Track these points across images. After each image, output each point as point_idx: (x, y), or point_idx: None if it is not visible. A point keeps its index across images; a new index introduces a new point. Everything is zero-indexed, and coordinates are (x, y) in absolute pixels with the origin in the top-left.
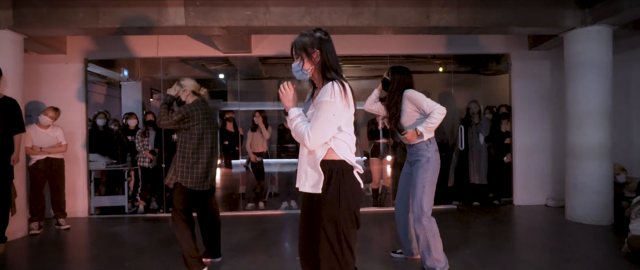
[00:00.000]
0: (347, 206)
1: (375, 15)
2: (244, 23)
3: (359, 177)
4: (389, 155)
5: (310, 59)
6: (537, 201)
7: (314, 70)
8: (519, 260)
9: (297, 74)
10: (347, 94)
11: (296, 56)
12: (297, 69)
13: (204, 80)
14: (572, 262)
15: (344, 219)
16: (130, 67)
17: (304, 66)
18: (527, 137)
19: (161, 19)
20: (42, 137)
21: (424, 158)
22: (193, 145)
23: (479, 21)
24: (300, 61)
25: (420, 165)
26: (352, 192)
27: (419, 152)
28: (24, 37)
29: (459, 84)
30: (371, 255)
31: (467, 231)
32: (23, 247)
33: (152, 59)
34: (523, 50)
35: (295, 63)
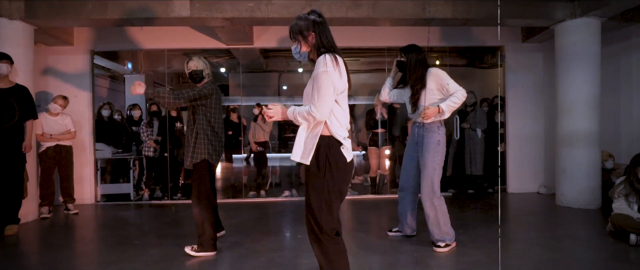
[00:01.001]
0: (332, 178)
1: (373, 7)
2: (247, 14)
3: (346, 152)
4: (386, 148)
5: (307, 42)
6: (529, 189)
7: (311, 52)
8: (509, 239)
9: (297, 56)
10: (338, 63)
11: (294, 40)
12: (296, 52)
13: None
14: (559, 240)
15: (328, 189)
16: (134, 60)
17: (302, 49)
18: (520, 127)
19: (167, 10)
20: (52, 125)
21: (435, 141)
22: (215, 121)
23: (472, 13)
24: (298, 44)
25: (431, 147)
26: (337, 165)
27: (430, 134)
28: (34, 28)
29: (455, 77)
30: (370, 235)
31: (462, 215)
32: (34, 229)
33: (155, 52)
34: (516, 43)
35: (294, 46)
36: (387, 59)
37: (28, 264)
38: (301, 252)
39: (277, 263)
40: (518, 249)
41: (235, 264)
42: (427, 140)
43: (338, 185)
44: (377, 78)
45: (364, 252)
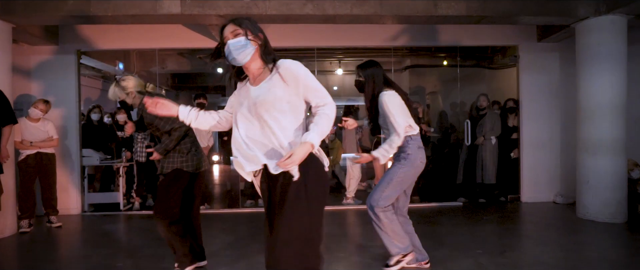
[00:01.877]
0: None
1: (380, 3)
2: (243, 11)
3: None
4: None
5: (256, 38)
6: (544, 198)
7: (255, 53)
8: (533, 261)
9: (239, 51)
10: None
11: (236, 32)
12: (241, 45)
13: (201, 75)
14: (591, 264)
15: (313, 207)
16: (125, 60)
17: (252, 42)
18: (535, 132)
19: (155, 7)
20: (32, 131)
21: (404, 153)
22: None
23: (488, 10)
24: (245, 37)
25: (398, 159)
26: (318, 173)
27: (401, 152)
28: (12, 26)
29: (463, 78)
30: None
31: (476, 229)
32: (12, 245)
33: (148, 52)
34: (531, 43)
35: (240, 38)
36: (392, 59)
37: None
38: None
39: None
40: None
41: None
42: (398, 155)
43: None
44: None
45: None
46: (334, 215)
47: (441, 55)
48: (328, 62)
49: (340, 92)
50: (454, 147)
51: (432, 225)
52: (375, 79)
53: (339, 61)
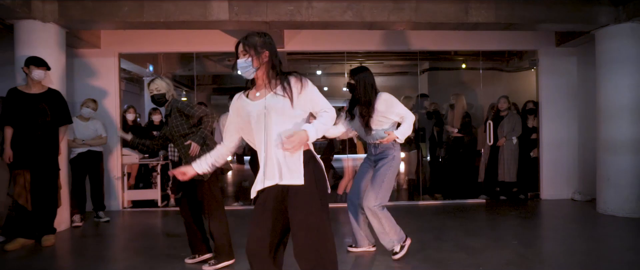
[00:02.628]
0: (324, 193)
1: (415, 10)
2: (287, 18)
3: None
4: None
5: (259, 58)
6: (563, 195)
7: (261, 69)
8: (567, 251)
9: (244, 70)
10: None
11: (244, 53)
12: (246, 65)
13: (226, 76)
14: (618, 252)
15: (324, 206)
16: (154, 63)
17: (254, 63)
18: (554, 132)
19: (205, 13)
20: (83, 130)
21: (391, 156)
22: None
23: (516, 17)
24: (249, 58)
25: (386, 162)
26: (324, 179)
27: (386, 151)
28: (66, 30)
29: (480, 81)
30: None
31: (506, 223)
32: (68, 239)
33: (175, 55)
34: (550, 47)
35: (243, 59)
36: (410, 62)
37: None
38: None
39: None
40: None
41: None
42: (384, 156)
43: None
44: (400, 80)
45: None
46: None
47: (459, 58)
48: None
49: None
50: (471, 146)
51: (461, 220)
52: (366, 82)
53: (360, 64)
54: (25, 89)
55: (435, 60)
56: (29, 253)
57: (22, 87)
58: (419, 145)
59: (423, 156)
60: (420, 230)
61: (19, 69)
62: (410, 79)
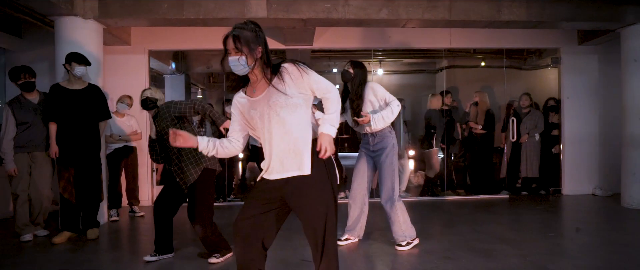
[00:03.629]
0: (333, 183)
1: (449, 9)
2: (324, 15)
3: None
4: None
5: (253, 55)
6: (584, 191)
7: (255, 66)
8: (604, 241)
9: (237, 69)
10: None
11: (236, 51)
12: (239, 64)
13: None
14: None
15: (334, 195)
16: (176, 60)
17: (248, 61)
18: (575, 129)
19: (243, 10)
20: (119, 126)
21: (390, 145)
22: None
23: (546, 16)
24: (242, 56)
25: (387, 152)
26: (333, 169)
27: (384, 140)
28: (103, 27)
29: (498, 79)
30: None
31: (537, 217)
32: (108, 232)
33: (195, 53)
34: (573, 45)
35: (235, 57)
36: (428, 59)
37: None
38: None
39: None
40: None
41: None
42: (383, 145)
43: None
44: (418, 78)
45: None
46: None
47: (478, 56)
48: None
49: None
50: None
51: (492, 214)
52: (361, 79)
53: (379, 62)
54: (67, 85)
55: (453, 58)
56: (75, 245)
57: (64, 83)
58: (447, 142)
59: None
60: (457, 223)
61: (59, 64)
62: (428, 77)
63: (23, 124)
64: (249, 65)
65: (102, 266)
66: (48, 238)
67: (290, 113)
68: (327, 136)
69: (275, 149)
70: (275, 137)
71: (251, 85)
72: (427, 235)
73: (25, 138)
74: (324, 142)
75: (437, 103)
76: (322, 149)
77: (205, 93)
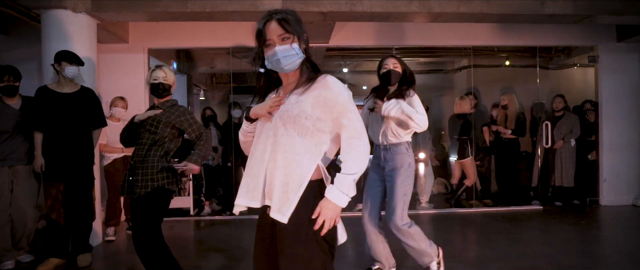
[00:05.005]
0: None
1: (487, 1)
2: (347, 8)
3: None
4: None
5: (303, 41)
6: (624, 201)
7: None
8: None
9: (290, 59)
10: None
11: (286, 37)
12: (292, 54)
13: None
14: None
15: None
16: (177, 59)
17: (301, 48)
18: (614, 134)
19: (256, 3)
20: (116, 132)
21: (406, 164)
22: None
23: (595, 9)
24: (294, 43)
25: (402, 171)
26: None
27: (398, 157)
28: (97, 22)
29: (523, 78)
30: None
31: (585, 233)
32: (103, 256)
33: (197, 51)
34: (610, 43)
35: (286, 46)
36: (446, 59)
37: None
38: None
39: None
40: None
41: None
42: (396, 164)
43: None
44: (434, 79)
45: None
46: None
47: (502, 55)
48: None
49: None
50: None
51: (534, 230)
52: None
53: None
54: (56, 87)
55: (475, 57)
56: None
57: (52, 85)
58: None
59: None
60: (496, 241)
61: (46, 64)
62: (445, 77)
63: (2, 134)
64: (302, 53)
65: None
66: (32, 264)
67: (301, 135)
68: (332, 206)
69: (260, 171)
70: (271, 157)
71: (284, 87)
72: (463, 255)
73: (6, 150)
74: (325, 214)
75: (463, 106)
76: (319, 222)
77: (208, 94)
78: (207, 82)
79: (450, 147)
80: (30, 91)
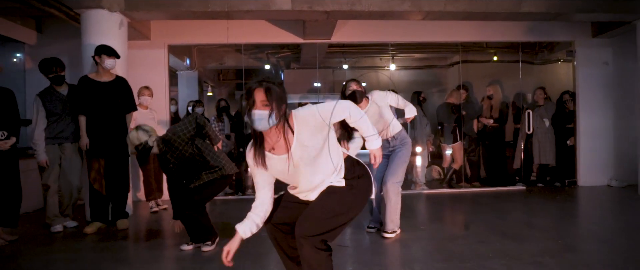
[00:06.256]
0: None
1: (470, 1)
2: (347, 7)
3: None
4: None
5: (280, 111)
6: (599, 182)
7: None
8: (633, 227)
9: (262, 123)
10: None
11: (266, 104)
12: (264, 119)
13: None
14: None
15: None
16: (189, 56)
17: (275, 117)
18: (591, 122)
19: (268, 2)
20: (144, 118)
21: (408, 142)
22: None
23: (565, 7)
24: (271, 111)
25: (405, 147)
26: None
27: (400, 139)
28: (128, 20)
29: (509, 73)
30: None
31: (559, 206)
32: (139, 223)
33: (207, 49)
34: (587, 38)
35: (263, 111)
36: (439, 54)
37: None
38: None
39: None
40: None
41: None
42: (401, 143)
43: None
44: (428, 74)
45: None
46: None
47: (491, 51)
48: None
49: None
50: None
51: (515, 204)
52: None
53: (392, 57)
54: (96, 77)
55: (465, 52)
56: (107, 235)
57: (92, 75)
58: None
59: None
60: (482, 212)
61: (86, 57)
62: (439, 71)
63: (53, 116)
64: (275, 120)
65: (137, 254)
66: (77, 229)
67: (317, 158)
68: (376, 149)
69: (307, 186)
70: (305, 179)
71: (268, 142)
72: (457, 223)
73: (55, 130)
74: (377, 153)
75: (456, 97)
76: (375, 158)
77: (215, 90)
78: (214, 79)
79: (439, 132)
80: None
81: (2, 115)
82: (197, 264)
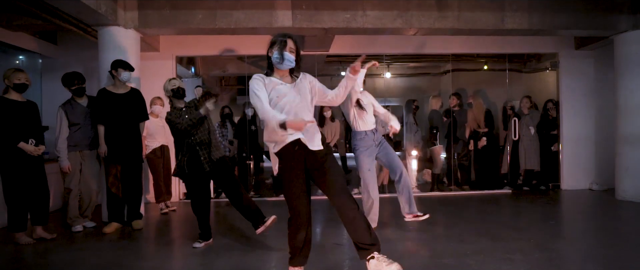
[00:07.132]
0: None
1: (457, 18)
2: (344, 25)
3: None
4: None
5: (299, 57)
6: (581, 186)
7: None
8: (601, 227)
9: (288, 62)
10: None
11: (293, 50)
12: (291, 60)
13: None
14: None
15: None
16: (194, 65)
17: (297, 60)
18: (573, 128)
19: (271, 20)
20: (156, 126)
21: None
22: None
23: (546, 24)
24: (296, 56)
25: (385, 141)
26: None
27: (379, 133)
28: (141, 36)
29: (499, 82)
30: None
31: (539, 209)
32: (153, 223)
33: (210, 58)
34: (570, 50)
35: (292, 55)
36: (432, 64)
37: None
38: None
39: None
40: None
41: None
42: (381, 140)
43: None
44: (422, 81)
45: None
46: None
47: (481, 60)
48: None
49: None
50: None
51: (499, 207)
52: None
53: (387, 65)
54: (113, 89)
55: (457, 62)
56: (124, 235)
57: (110, 87)
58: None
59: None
60: (466, 214)
61: (103, 71)
62: (432, 79)
63: (74, 125)
64: (294, 64)
65: (154, 251)
66: (96, 229)
67: (311, 103)
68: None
69: (307, 117)
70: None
71: (277, 74)
72: (441, 224)
73: (77, 138)
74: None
75: (436, 104)
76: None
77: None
78: (216, 85)
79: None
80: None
81: (31, 125)
82: (208, 259)
